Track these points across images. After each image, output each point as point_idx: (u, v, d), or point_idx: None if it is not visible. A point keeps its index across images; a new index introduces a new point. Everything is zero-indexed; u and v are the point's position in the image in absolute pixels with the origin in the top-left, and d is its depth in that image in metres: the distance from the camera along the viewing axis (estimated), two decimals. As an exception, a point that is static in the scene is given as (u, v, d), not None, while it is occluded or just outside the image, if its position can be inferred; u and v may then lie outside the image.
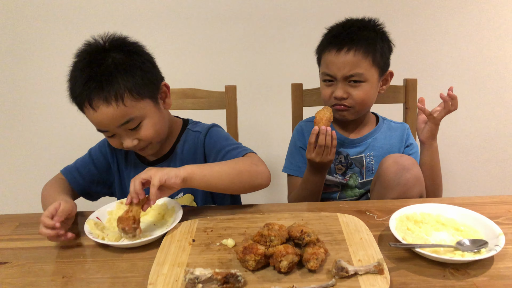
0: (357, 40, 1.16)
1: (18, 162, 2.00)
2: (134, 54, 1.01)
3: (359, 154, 1.29)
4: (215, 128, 1.17)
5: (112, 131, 1.01)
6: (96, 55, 0.98)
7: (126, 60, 0.98)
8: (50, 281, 0.77)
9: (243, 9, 1.80)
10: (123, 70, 0.96)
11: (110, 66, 0.96)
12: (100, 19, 1.78)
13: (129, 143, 1.02)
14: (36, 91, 1.89)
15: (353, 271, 0.71)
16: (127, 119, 0.98)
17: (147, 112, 1.01)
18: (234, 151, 1.07)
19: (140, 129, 1.01)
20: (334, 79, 1.20)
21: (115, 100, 0.94)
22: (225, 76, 1.86)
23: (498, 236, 0.79)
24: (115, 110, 0.95)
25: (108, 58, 0.97)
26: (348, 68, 1.16)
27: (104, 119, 0.97)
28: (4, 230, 0.97)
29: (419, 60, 1.87)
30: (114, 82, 0.95)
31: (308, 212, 0.95)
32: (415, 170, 1.05)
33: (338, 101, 1.20)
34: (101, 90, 0.94)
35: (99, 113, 0.96)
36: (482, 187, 2.06)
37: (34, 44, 1.83)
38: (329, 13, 1.40)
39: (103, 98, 0.94)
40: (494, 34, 1.85)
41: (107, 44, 1.00)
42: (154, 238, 0.86)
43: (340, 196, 1.32)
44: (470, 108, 1.95)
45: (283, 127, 1.64)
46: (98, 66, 0.96)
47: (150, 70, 1.03)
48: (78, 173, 1.16)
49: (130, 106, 0.97)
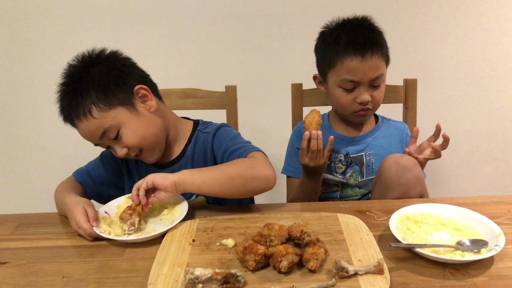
0: (374, 42, 1.16)
1: (18, 162, 2.00)
2: (103, 65, 1.03)
3: (359, 152, 1.29)
4: (223, 128, 1.16)
5: (100, 144, 1.05)
6: (71, 76, 1.02)
7: (94, 73, 1.01)
8: (50, 281, 0.77)
9: (243, 9, 1.80)
10: (89, 84, 0.99)
11: (80, 83, 1.00)
12: (101, 19, 1.78)
13: (120, 152, 1.04)
14: (36, 91, 1.89)
15: (353, 271, 0.71)
16: (102, 130, 1.00)
17: (121, 119, 1.01)
18: (237, 151, 1.05)
19: (122, 137, 1.02)
20: (356, 86, 1.18)
21: (83, 115, 0.98)
22: (226, 76, 1.86)
23: (498, 236, 0.79)
24: (88, 124, 0.99)
25: (82, 76, 1.01)
26: (373, 71, 1.16)
27: (85, 134, 1.02)
28: (4, 230, 0.97)
29: (419, 60, 1.87)
30: (80, 99, 0.99)
31: (308, 212, 0.95)
32: (416, 170, 1.05)
33: (363, 105, 1.19)
34: (71, 108, 1.00)
35: (79, 129, 1.02)
36: (482, 187, 2.06)
37: (35, 44, 1.83)
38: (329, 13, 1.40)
39: (74, 115, 1.00)
40: (494, 34, 1.85)
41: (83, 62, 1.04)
42: (158, 233, 0.87)
43: (340, 195, 1.32)
44: (470, 108, 1.95)
45: (283, 127, 1.64)
46: (68, 87, 1.01)
47: (117, 78, 1.03)
48: (88, 176, 1.16)
49: (100, 118, 0.99)
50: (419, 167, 1.07)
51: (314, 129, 1.13)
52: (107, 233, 0.89)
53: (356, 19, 1.22)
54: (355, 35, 1.16)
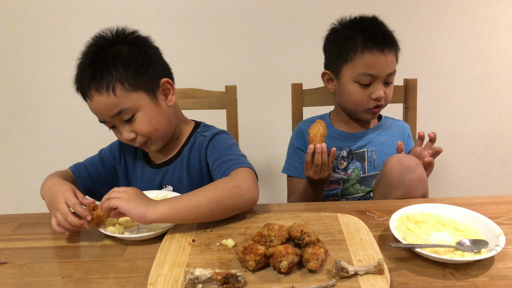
0: (391, 38, 1.20)
1: (18, 162, 2.00)
2: (134, 45, 1.02)
3: (361, 148, 1.30)
4: (221, 135, 1.12)
5: (109, 122, 1.03)
6: (100, 47, 1.00)
7: (124, 52, 1.00)
8: (50, 281, 0.76)
9: (243, 9, 1.80)
10: (119, 61, 0.98)
11: (109, 58, 0.98)
12: (101, 19, 1.78)
13: (127, 135, 1.03)
14: (36, 91, 1.90)
15: (353, 271, 0.71)
16: (119, 110, 0.99)
17: (140, 104, 1.01)
18: (226, 163, 0.99)
19: (134, 122, 1.01)
20: (373, 81, 1.19)
21: (106, 90, 0.96)
22: (226, 76, 1.86)
23: (499, 236, 0.78)
24: (107, 99, 0.97)
25: (111, 51, 0.99)
26: (390, 67, 1.20)
27: (98, 109, 1.00)
28: (4, 230, 0.97)
29: (419, 60, 1.87)
30: (106, 73, 0.97)
31: (308, 212, 0.95)
32: (419, 171, 1.05)
33: (377, 101, 1.21)
34: (94, 81, 0.97)
35: (94, 102, 0.99)
36: (482, 187, 2.06)
37: (35, 44, 1.83)
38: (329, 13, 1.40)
39: (96, 88, 0.97)
40: (494, 34, 1.85)
41: (113, 37, 1.02)
42: (158, 232, 0.87)
43: (342, 193, 1.32)
44: (470, 108, 1.95)
45: (283, 127, 1.64)
46: (96, 58, 0.99)
47: (148, 63, 1.03)
48: (85, 171, 1.16)
49: (121, 97, 0.98)
50: (422, 168, 1.07)
51: (319, 141, 1.10)
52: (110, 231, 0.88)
53: (368, 17, 1.25)
54: (374, 31, 1.20)
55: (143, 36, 1.07)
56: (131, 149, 1.19)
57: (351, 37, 1.20)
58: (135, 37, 1.05)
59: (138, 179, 1.18)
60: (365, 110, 1.23)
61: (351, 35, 1.20)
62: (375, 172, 1.29)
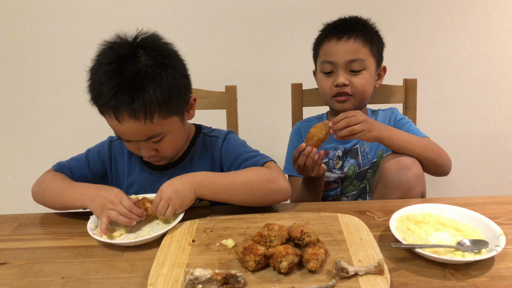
0: (355, 30, 1.21)
1: (18, 162, 2.00)
2: (169, 66, 0.93)
3: (353, 146, 1.31)
4: (233, 135, 1.14)
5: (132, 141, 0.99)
6: (125, 56, 0.90)
7: (158, 69, 0.91)
8: (49, 281, 0.76)
9: (243, 9, 1.80)
10: (156, 81, 0.90)
11: (141, 73, 0.89)
12: (101, 19, 1.78)
13: (147, 153, 1.00)
14: (36, 91, 1.89)
15: (353, 271, 0.70)
16: (151, 135, 0.95)
17: (172, 128, 0.98)
18: (252, 159, 1.03)
19: (161, 143, 0.98)
20: (334, 69, 1.22)
21: (144, 117, 0.90)
22: (226, 76, 1.86)
23: (499, 236, 0.78)
24: (142, 126, 0.91)
25: (139, 61, 0.90)
26: (349, 54, 1.20)
27: (128, 133, 0.94)
28: (3, 230, 0.97)
29: (419, 60, 1.87)
30: (145, 96, 0.88)
31: (308, 212, 0.95)
32: (416, 169, 1.06)
33: (340, 89, 1.21)
34: (131, 104, 0.88)
35: (124, 126, 0.91)
36: (482, 187, 2.06)
37: (35, 44, 1.83)
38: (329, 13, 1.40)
39: (131, 112, 0.88)
40: (494, 34, 1.85)
41: (136, 42, 0.93)
42: (155, 236, 0.86)
43: (341, 192, 1.32)
44: (470, 108, 1.95)
45: (283, 127, 1.64)
46: (127, 72, 0.88)
47: (184, 85, 0.97)
48: (71, 173, 1.10)
49: (157, 124, 0.93)
50: (419, 166, 1.08)
51: (313, 145, 1.09)
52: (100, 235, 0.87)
53: (354, 16, 1.27)
54: (338, 23, 1.25)
55: (178, 54, 0.99)
56: (124, 152, 1.14)
57: (321, 32, 1.29)
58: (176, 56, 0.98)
59: (135, 182, 1.12)
60: (332, 99, 1.25)
61: (321, 31, 1.29)
62: (371, 166, 1.29)
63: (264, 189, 0.96)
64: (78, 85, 1.80)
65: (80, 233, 0.92)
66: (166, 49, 0.96)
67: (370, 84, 1.24)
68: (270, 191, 0.96)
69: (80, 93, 1.83)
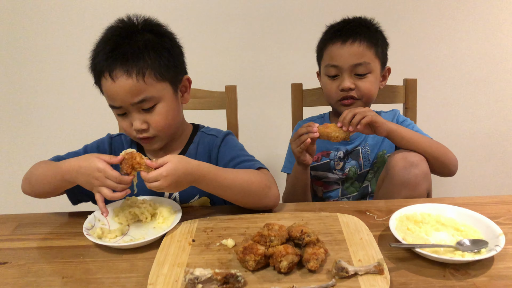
0: (360, 32, 1.20)
1: (18, 162, 2.00)
2: (165, 36, 1.03)
3: (355, 148, 1.31)
4: (232, 136, 1.16)
5: (125, 108, 0.99)
6: (128, 31, 0.99)
7: (156, 40, 1.00)
8: (49, 281, 0.76)
9: (243, 9, 1.80)
10: (152, 49, 0.97)
11: (140, 43, 0.97)
12: (100, 19, 1.78)
13: (139, 125, 0.99)
14: (36, 91, 1.89)
15: (353, 271, 0.71)
16: (143, 97, 0.96)
17: (164, 95, 1.00)
18: (247, 162, 1.05)
19: (153, 112, 1.00)
20: (339, 73, 1.21)
21: (136, 74, 0.94)
22: (226, 76, 1.86)
23: (498, 236, 0.79)
24: (134, 84, 0.95)
25: (139, 36, 0.98)
26: (354, 58, 1.19)
27: (121, 92, 0.95)
28: (4, 230, 0.97)
29: (419, 60, 1.87)
30: (140, 58, 0.95)
31: (308, 212, 0.95)
32: (423, 166, 1.06)
33: (345, 93, 1.21)
34: (125, 62, 0.94)
35: (117, 84, 0.95)
36: (482, 187, 2.06)
37: (35, 44, 1.83)
38: (329, 13, 1.40)
39: (125, 69, 0.94)
40: (494, 34, 1.85)
41: (140, 24, 1.02)
42: (153, 239, 0.86)
43: (342, 193, 1.32)
44: (470, 108, 1.94)
45: (283, 127, 1.64)
46: (127, 40, 0.97)
47: (177, 56, 1.05)
48: None
49: (149, 84, 0.96)
50: (426, 163, 1.08)
51: (321, 132, 1.09)
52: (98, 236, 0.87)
53: (358, 17, 1.26)
54: (342, 26, 1.23)
55: (170, 31, 1.08)
56: (125, 147, 1.13)
57: (325, 34, 1.28)
58: (164, 29, 1.06)
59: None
60: (337, 103, 1.25)
61: (325, 33, 1.28)
62: (371, 167, 1.29)
63: (260, 193, 0.96)
64: (78, 85, 1.81)
65: (80, 233, 0.92)
66: (164, 29, 1.06)
67: (376, 86, 1.24)
68: (265, 196, 0.97)
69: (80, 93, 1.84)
